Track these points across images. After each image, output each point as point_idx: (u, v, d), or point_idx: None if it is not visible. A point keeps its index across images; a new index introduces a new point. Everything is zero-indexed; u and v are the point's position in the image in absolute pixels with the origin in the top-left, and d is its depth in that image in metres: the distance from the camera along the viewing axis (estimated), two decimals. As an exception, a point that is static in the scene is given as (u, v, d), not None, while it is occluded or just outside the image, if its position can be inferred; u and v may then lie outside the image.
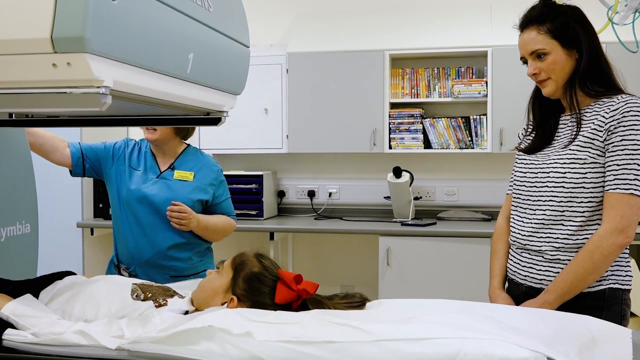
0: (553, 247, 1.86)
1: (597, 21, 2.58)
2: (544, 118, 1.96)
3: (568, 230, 1.84)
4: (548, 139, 1.93)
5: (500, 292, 2.01)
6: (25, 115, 1.98)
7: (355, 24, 4.37)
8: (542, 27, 1.86)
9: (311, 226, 4.26)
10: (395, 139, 4.25)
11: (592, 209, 1.82)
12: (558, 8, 1.88)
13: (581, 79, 1.86)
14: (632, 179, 1.76)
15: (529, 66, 1.90)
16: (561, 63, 1.85)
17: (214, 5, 1.76)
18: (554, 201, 1.85)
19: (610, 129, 1.78)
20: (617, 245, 1.78)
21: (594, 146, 1.81)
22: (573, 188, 1.82)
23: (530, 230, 1.90)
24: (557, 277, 1.84)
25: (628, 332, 1.53)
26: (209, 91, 1.86)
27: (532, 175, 1.92)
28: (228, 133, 4.34)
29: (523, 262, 1.94)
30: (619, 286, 1.84)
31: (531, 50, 1.88)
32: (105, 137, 4.63)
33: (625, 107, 1.79)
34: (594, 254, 1.78)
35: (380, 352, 1.37)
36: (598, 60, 1.88)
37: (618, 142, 1.77)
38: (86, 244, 4.35)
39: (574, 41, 1.85)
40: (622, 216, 1.76)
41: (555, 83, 1.87)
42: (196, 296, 1.79)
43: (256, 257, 1.77)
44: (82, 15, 1.21)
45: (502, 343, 1.34)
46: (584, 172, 1.81)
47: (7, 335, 1.61)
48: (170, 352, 1.48)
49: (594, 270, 1.79)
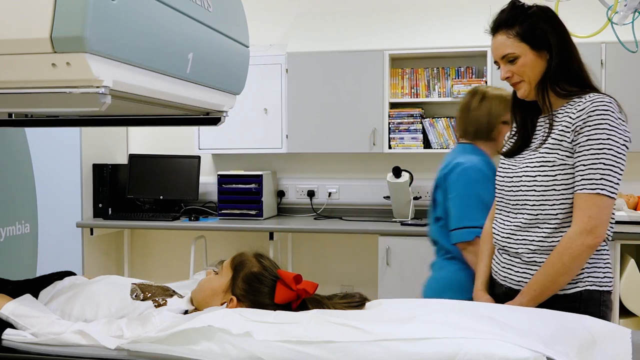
0: (529, 250, 1.86)
1: (597, 21, 2.59)
2: (523, 120, 1.96)
3: (543, 233, 1.83)
4: (527, 142, 1.92)
5: (483, 293, 2.03)
6: (25, 115, 1.98)
7: (355, 24, 4.36)
8: (510, 31, 1.86)
9: (311, 226, 4.25)
10: (394, 138, 4.25)
11: (566, 210, 1.81)
12: (526, 10, 1.87)
13: (552, 80, 1.85)
14: (599, 178, 1.75)
15: (501, 70, 1.91)
16: (531, 65, 1.85)
17: (214, 5, 1.76)
18: (528, 205, 1.85)
19: (576, 129, 1.78)
20: (586, 246, 1.76)
21: (562, 147, 1.80)
22: (544, 191, 1.82)
23: (509, 233, 1.91)
24: (531, 280, 1.84)
25: (627, 332, 1.53)
26: (208, 91, 1.86)
27: (508, 179, 1.93)
28: (228, 133, 4.33)
29: (503, 264, 1.94)
30: (597, 288, 1.82)
31: (502, 54, 1.89)
32: (105, 137, 4.65)
33: (590, 106, 1.77)
34: (563, 256, 1.77)
35: (379, 352, 1.37)
36: (569, 59, 1.86)
37: (584, 142, 1.76)
38: (86, 244, 4.35)
39: (544, 42, 1.85)
40: (590, 216, 1.75)
41: (528, 85, 1.88)
42: (195, 296, 1.79)
43: (255, 257, 1.77)
44: (82, 15, 1.21)
45: (501, 343, 1.34)
46: (553, 174, 1.81)
47: (7, 335, 1.62)
48: (170, 352, 1.49)
49: (564, 272, 1.78)
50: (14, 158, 2.47)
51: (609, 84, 3.86)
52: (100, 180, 4.39)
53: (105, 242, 4.65)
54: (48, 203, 3.79)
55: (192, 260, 4.37)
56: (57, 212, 4.13)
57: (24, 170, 2.50)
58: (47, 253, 3.66)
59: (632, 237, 3.59)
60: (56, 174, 4.14)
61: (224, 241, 4.69)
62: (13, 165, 2.45)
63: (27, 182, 2.46)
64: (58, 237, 4.13)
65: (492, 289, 2.03)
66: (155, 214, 4.39)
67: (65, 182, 4.25)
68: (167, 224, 4.23)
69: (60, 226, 4.19)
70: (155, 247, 4.91)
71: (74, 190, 4.28)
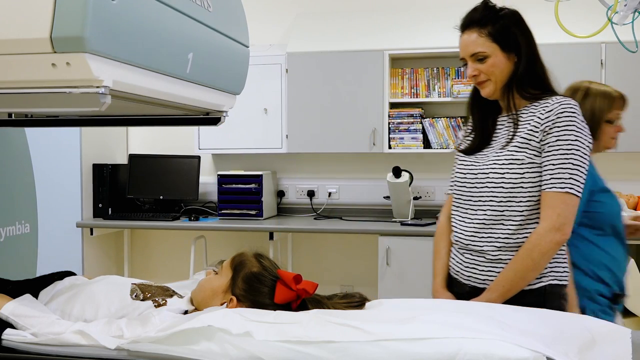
0: (495, 247, 1.88)
1: (597, 21, 2.59)
2: (482, 119, 1.99)
3: (508, 230, 1.86)
4: (487, 140, 1.96)
5: (444, 291, 2.03)
6: (24, 115, 1.98)
7: (355, 24, 4.36)
8: (483, 30, 1.90)
9: (311, 226, 4.25)
10: (394, 138, 4.25)
11: (531, 208, 1.85)
12: (499, 12, 1.91)
13: (519, 82, 1.90)
14: (568, 178, 1.80)
15: (469, 67, 1.93)
16: (500, 66, 1.89)
17: (214, 5, 1.76)
18: (494, 201, 1.88)
19: (545, 129, 1.83)
20: (554, 242, 1.82)
21: (530, 147, 1.85)
22: (512, 188, 1.85)
23: (472, 231, 1.92)
24: (499, 276, 1.86)
25: (627, 332, 1.53)
26: (208, 91, 1.86)
27: (472, 176, 1.94)
28: (227, 133, 4.33)
29: (466, 263, 1.95)
30: (558, 282, 1.88)
31: (472, 52, 1.91)
32: (105, 137, 4.65)
33: (558, 108, 1.83)
34: (533, 252, 1.81)
35: (379, 351, 1.37)
36: (535, 63, 1.91)
37: (553, 142, 1.81)
38: (86, 243, 4.35)
39: (513, 45, 1.89)
40: (559, 214, 1.80)
41: (494, 85, 1.91)
42: (195, 296, 1.79)
43: (255, 257, 1.77)
44: (82, 15, 1.21)
45: (501, 343, 1.34)
46: (522, 172, 1.84)
47: (7, 335, 1.62)
48: (170, 352, 1.49)
49: (534, 268, 1.83)
50: (14, 158, 2.47)
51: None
52: (100, 180, 4.39)
53: (105, 242, 4.65)
54: (48, 203, 3.79)
55: (192, 260, 4.37)
56: (57, 212, 4.13)
57: (24, 170, 2.50)
58: (47, 253, 3.67)
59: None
60: (56, 174, 4.14)
61: (224, 241, 4.69)
62: (13, 165, 2.46)
63: (27, 182, 2.46)
64: (58, 237, 4.13)
65: (450, 288, 2.03)
66: (155, 214, 4.39)
67: (65, 182, 4.25)
68: (167, 224, 4.23)
69: (60, 226, 4.19)
70: (155, 247, 4.91)
71: (74, 190, 4.28)
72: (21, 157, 2.50)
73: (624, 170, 4.22)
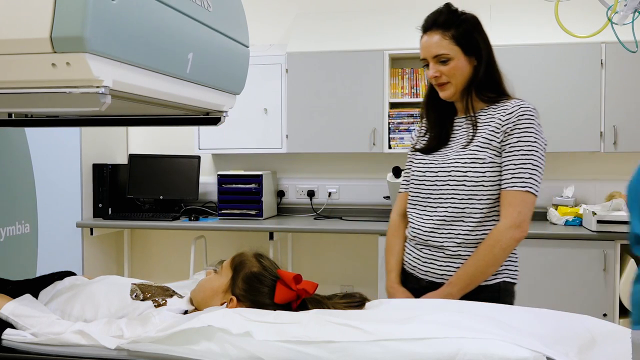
0: (455, 243, 1.94)
1: (597, 21, 2.59)
2: (439, 120, 2.06)
3: (468, 227, 1.93)
4: (444, 140, 2.03)
5: (399, 287, 2.07)
6: (24, 115, 1.98)
7: (355, 24, 4.36)
8: (447, 32, 1.96)
9: (311, 226, 4.25)
10: (394, 138, 4.25)
11: (490, 206, 1.93)
12: (460, 16, 1.98)
13: (478, 85, 1.97)
14: (528, 177, 1.88)
15: (431, 69, 1.99)
16: (462, 69, 1.96)
17: (214, 5, 1.76)
18: (456, 199, 1.94)
19: (506, 130, 1.90)
20: (514, 239, 1.89)
21: (491, 147, 1.92)
22: (473, 186, 1.92)
23: (432, 227, 1.97)
24: (459, 271, 1.92)
25: (627, 332, 1.53)
26: (208, 91, 1.86)
27: (432, 174, 2.00)
28: (227, 133, 4.33)
29: (424, 258, 2.00)
30: (510, 280, 1.97)
31: (435, 53, 1.97)
32: (105, 137, 4.66)
33: (519, 111, 1.90)
34: (494, 248, 1.89)
35: (379, 351, 1.37)
36: (492, 67, 1.99)
37: (514, 143, 1.89)
38: (86, 243, 4.35)
39: (474, 49, 1.96)
40: (519, 212, 1.88)
41: (454, 87, 1.98)
42: (195, 296, 1.79)
43: (255, 257, 1.77)
44: (82, 15, 1.21)
45: (501, 342, 1.34)
46: (483, 171, 1.91)
47: (7, 335, 1.62)
48: (170, 352, 1.49)
49: (494, 263, 1.90)
50: (14, 158, 2.47)
51: (609, 84, 3.87)
52: (100, 180, 4.39)
53: (105, 242, 4.65)
54: (48, 203, 3.79)
55: (192, 260, 4.37)
56: (57, 212, 4.13)
57: (24, 170, 2.50)
58: (47, 253, 3.67)
59: (632, 237, 3.59)
60: (56, 174, 4.14)
61: (224, 241, 4.69)
62: (13, 165, 2.45)
63: (27, 182, 2.46)
64: (58, 237, 4.13)
65: (405, 284, 2.07)
66: (155, 214, 4.39)
67: (65, 182, 4.25)
68: (167, 224, 4.23)
69: (60, 226, 4.19)
70: (155, 247, 4.91)
71: (74, 190, 4.28)
72: (21, 157, 2.50)
73: (624, 170, 4.22)
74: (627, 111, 3.85)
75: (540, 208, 4.28)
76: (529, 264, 3.72)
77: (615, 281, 3.60)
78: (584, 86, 3.89)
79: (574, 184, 4.20)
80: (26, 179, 2.46)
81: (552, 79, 3.94)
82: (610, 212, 3.68)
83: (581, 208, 3.96)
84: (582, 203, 4.18)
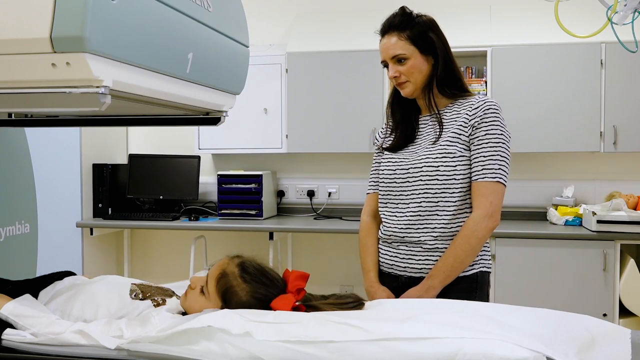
0: (432, 237, 2.00)
1: (597, 21, 2.59)
2: (404, 118, 2.12)
3: (443, 220, 1.99)
4: (411, 137, 2.09)
5: (379, 285, 2.09)
6: (24, 115, 1.98)
7: (355, 24, 4.36)
8: (402, 34, 2.04)
9: (310, 226, 4.25)
10: (394, 138, 4.25)
11: (462, 198, 1.99)
12: (415, 18, 2.07)
13: (438, 82, 2.04)
14: (497, 168, 1.96)
15: (390, 69, 2.06)
16: (419, 67, 2.03)
17: (214, 5, 1.76)
18: (429, 193, 2.00)
19: (474, 125, 1.98)
20: (489, 228, 1.96)
21: (460, 141, 1.99)
22: (446, 180, 1.98)
23: (407, 223, 2.02)
24: (438, 263, 1.97)
25: (627, 332, 1.53)
26: (208, 91, 1.86)
27: (402, 171, 2.05)
28: (227, 133, 4.34)
29: (402, 255, 2.04)
30: (486, 269, 2.05)
31: (392, 54, 2.04)
32: (105, 137, 4.66)
33: (484, 106, 1.99)
34: (470, 238, 1.95)
35: (379, 351, 1.37)
36: (451, 65, 2.06)
37: (482, 136, 1.97)
38: (86, 243, 4.35)
39: (431, 48, 2.04)
40: (491, 202, 1.95)
41: (414, 85, 2.05)
42: (187, 310, 1.74)
43: (241, 276, 1.67)
44: (82, 15, 1.21)
45: (501, 342, 1.34)
46: (454, 164, 1.98)
47: (7, 335, 1.62)
48: (170, 352, 1.48)
49: (471, 253, 1.96)
50: (14, 158, 2.47)
51: (609, 84, 3.87)
52: (100, 180, 4.39)
53: (105, 242, 4.65)
54: (48, 203, 3.79)
55: (192, 260, 4.37)
56: (57, 212, 4.13)
57: (24, 170, 2.50)
58: (47, 253, 3.66)
59: (632, 237, 3.59)
60: (56, 174, 4.14)
61: (223, 241, 4.69)
62: (13, 165, 2.45)
63: (27, 182, 2.46)
64: (58, 237, 4.14)
65: (383, 284, 2.10)
66: (155, 214, 4.39)
67: (65, 182, 4.25)
68: (167, 224, 4.23)
69: (60, 226, 4.20)
70: (155, 247, 4.91)
71: (74, 190, 4.28)
72: (21, 157, 2.50)
73: (624, 170, 4.23)
74: (627, 111, 3.85)
75: (540, 208, 4.28)
76: (529, 263, 3.72)
77: (615, 281, 3.60)
78: (584, 86, 3.89)
79: (573, 184, 4.20)
80: (26, 179, 2.46)
81: (552, 79, 3.94)
82: (610, 212, 3.68)
83: (581, 208, 3.96)
84: (582, 203, 4.18)
